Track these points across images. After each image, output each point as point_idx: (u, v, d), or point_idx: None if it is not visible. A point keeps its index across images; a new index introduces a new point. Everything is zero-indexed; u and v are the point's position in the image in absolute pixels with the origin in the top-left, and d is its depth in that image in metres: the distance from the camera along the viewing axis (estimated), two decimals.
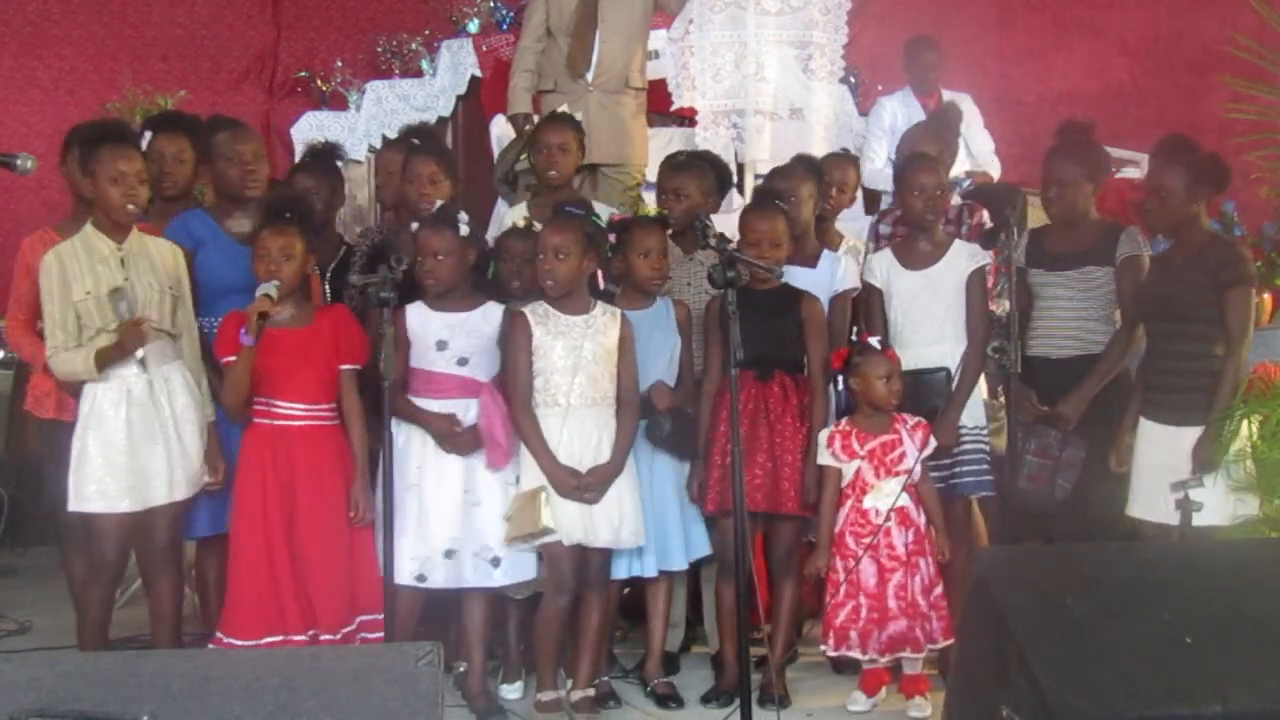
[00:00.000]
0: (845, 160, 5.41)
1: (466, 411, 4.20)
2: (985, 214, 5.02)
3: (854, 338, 4.64)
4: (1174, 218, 4.25)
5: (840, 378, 4.52)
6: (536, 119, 6.07)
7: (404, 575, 4.10)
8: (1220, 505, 4.08)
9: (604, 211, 4.72)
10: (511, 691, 4.44)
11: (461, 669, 4.36)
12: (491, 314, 4.28)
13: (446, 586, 4.18)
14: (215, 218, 4.45)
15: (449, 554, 4.14)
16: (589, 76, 5.92)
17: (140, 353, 3.96)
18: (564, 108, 5.43)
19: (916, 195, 4.54)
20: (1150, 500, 4.19)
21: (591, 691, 4.23)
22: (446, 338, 4.20)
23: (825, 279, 4.69)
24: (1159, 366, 4.26)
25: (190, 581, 4.59)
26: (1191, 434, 4.13)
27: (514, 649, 4.49)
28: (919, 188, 4.53)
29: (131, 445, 3.99)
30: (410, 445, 4.17)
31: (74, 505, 4.01)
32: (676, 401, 4.37)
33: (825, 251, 4.80)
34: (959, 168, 5.91)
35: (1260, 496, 4.12)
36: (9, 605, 5.43)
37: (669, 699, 4.39)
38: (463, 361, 4.22)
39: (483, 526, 4.17)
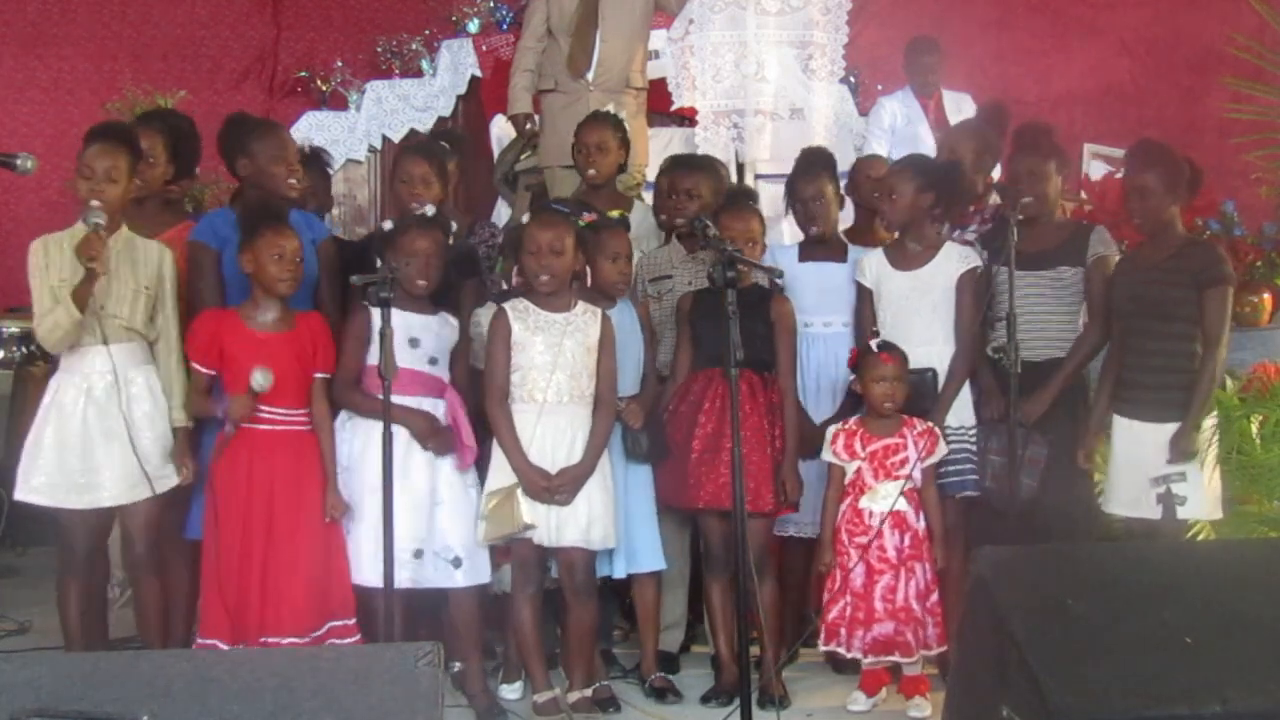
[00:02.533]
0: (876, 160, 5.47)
1: (435, 410, 4.21)
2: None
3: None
4: (1157, 217, 4.30)
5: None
6: (537, 119, 6.08)
7: (371, 576, 4.03)
8: (1203, 500, 4.14)
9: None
10: (511, 691, 4.44)
11: (457, 668, 4.36)
12: (452, 321, 4.32)
13: (411, 587, 4.13)
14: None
15: (417, 554, 4.11)
16: (589, 76, 5.92)
17: (101, 334, 3.98)
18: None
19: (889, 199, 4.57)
20: (1131, 496, 4.23)
21: (589, 692, 4.23)
22: (419, 336, 4.20)
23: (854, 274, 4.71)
24: (1137, 364, 4.30)
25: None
26: (1171, 430, 4.18)
27: (513, 648, 4.49)
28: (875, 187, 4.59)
29: (85, 443, 4.00)
30: (370, 448, 4.08)
31: (19, 494, 4.03)
32: (646, 408, 4.38)
33: (852, 247, 4.82)
34: None
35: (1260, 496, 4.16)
36: (9, 605, 5.42)
37: (666, 691, 4.40)
38: (433, 361, 4.23)
39: (444, 527, 4.16)
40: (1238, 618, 2.93)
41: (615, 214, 4.57)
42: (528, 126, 6.12)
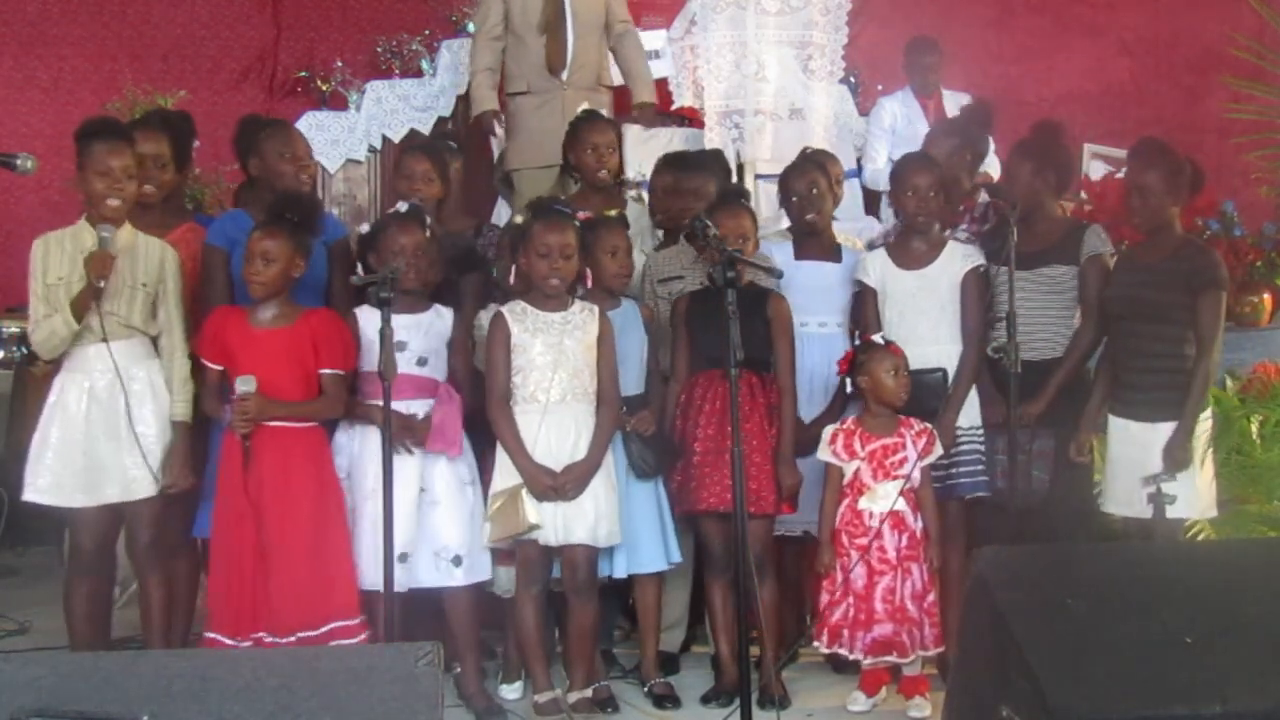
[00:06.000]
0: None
1: (425, 412, 4.19)
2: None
3: (855, 339, 4.65)
4: (1157, 217, 4.29)
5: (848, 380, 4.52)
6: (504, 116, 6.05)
7: (373, 580, 4.01)
8: (1193, 499, 4.14)
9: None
10: (511, 691, 4.44)
11: (457, 670, 4.35)
12: (445, 314, 4.30)
13: (402, 589, 4.07)
14: (255, 216, 4.41)
15: (402, 558, 4.06)
16: (564, 75, 5.87)
17: (100, 330, 3.97)
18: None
19: (909, 195, 4.53)
20: (1125, 496, 4.24)
21: (589, 692, 4.23)
22: (405, 339, 4.15)
23: (850, 273, 4.71)
24: (1131, 365, 4.31)
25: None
26: (1164, 429, 4.19)
27: (512, 648, 4.48)
28: (911, 188, 4.52)
29: (89, 441, 4.00)
30: (366, 452, 4.12)
31: (27, 495, 4.05)
32: (656, 414, 4.39)
33: (845, 246, 4.81)
34: None
35: (1256, 496, 4.16)
36: (9, 605, 5.42)
37: (666, 699, 4.39)
38: (422, 362, 4.21)
39: (441, 526, 4.17)
40: (1238, 618, 2.93)
41: (613, 213, 4.57)
42: (498, 126, 6.09)
